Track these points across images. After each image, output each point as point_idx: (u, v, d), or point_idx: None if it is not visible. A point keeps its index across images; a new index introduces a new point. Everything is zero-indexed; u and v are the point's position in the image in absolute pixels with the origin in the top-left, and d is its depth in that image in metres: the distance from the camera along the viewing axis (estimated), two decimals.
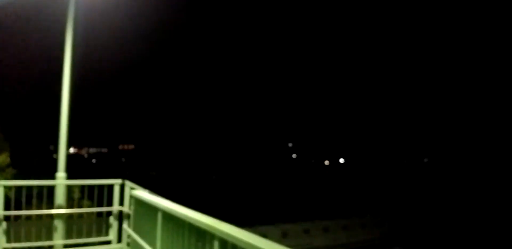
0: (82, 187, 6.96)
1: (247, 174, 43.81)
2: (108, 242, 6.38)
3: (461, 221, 25.70)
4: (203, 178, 41.03)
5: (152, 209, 4.16)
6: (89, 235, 6.26)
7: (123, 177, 6.58)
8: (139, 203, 4.92)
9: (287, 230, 17.09)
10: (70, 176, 6.79)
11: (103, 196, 6.31)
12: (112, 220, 6.44)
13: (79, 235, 6.19)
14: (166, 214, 3.70)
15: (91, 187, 6.43)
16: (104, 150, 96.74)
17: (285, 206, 25.84)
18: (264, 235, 12.03)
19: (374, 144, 55.68)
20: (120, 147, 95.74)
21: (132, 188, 6.02)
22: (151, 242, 4.08)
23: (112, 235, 6.44)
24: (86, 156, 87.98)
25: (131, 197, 5.57)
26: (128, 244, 5.84)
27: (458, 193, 34.69)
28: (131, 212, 5.58)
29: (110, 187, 6.43)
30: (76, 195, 7.30)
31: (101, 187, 6.37)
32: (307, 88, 59.76)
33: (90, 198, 6.49)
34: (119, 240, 6.39)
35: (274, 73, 57.35)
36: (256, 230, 16.06)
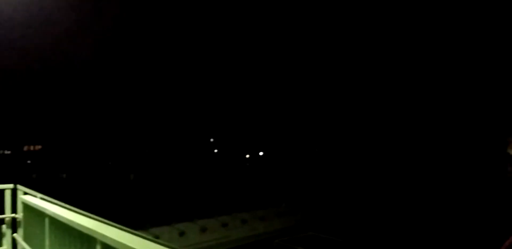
0: None
1: (167, 171, 42.94)
2: None
3: (362, 205, 28.15)
4: (120, 178, 39.36)
5: (40, 215, 3.99)
6: None
7: (29, 181, 6.14)
8: (28, 209, 4.67)
9: (205, 225, 17.24)
10: None
11: None
12: (5, 229, 5.99)
13: None
14: (52, 220, 3.58)
15: None
16: (7, 152, 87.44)
17: (204, 202, 25.95)
18: (182, 232, 12.16)
19: (289, 136, 58.02)
20: (25, 148, 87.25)
21: (25, 193, 5.65)
22: None
23: (6, 245, 6.00)
24: None
25: (22, 203, 5.25)
26: None
27: (358, 181, 37.71)
28: (21, 219, 5.26)
29: (2, 192, 5.96)
30: None
31: None
32: (226, 86, 59.90)
33: None
34: None
35: (194, 69, 56.49)
36: (174, 227, 15.98)
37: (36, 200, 4.46)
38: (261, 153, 62.48)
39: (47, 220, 3.68)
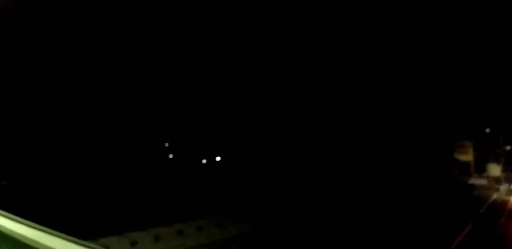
0: None
1: (118, 178, 41.30)
2: None
3: (320, 209, 28.64)
4: (67, 184, 37.30)
5: None
6: None
7: None
8: None
9: (159, 233, 16.56)
10: None
11: None
12: None
13: None
14: None
15: None
16: None
17: (157, 209, 25.16)
18: (134, 242, 11.43)
19: (246, 141, 58.01)
20: None
21: None
22: None
23: None
24: None
25: None
26: None
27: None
28: None
29: None
30: None
31: None
32: (181, 88, 58.72)
33: None
34: None
35: (145, 69, 54.57)
36: (125, 237, 15.20)
37: None
38: (218, 158, 61.90)
39: None
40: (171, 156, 63.80)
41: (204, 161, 63.71)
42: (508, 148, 66.63)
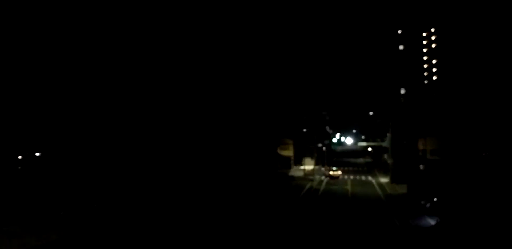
0: None
1: None
2: None
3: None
4: None
5: None
6: None
7: None
8: None
9: None
10: None
11: None
12: None
13: None
14: None
15: None
16: None
17: None
18: None
19: (72, 134, 52.47)
20: None
21: None
22: None
23: None
24: None
25: None
26: None
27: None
28: None
29: None
30: None
31: None
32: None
33: None
34: None
35: None
36: None
37: None
38: (38, 154, 54.26)
39: None
40: None
41: (19, 157, 55.19)
42: (319, 145, 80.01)
